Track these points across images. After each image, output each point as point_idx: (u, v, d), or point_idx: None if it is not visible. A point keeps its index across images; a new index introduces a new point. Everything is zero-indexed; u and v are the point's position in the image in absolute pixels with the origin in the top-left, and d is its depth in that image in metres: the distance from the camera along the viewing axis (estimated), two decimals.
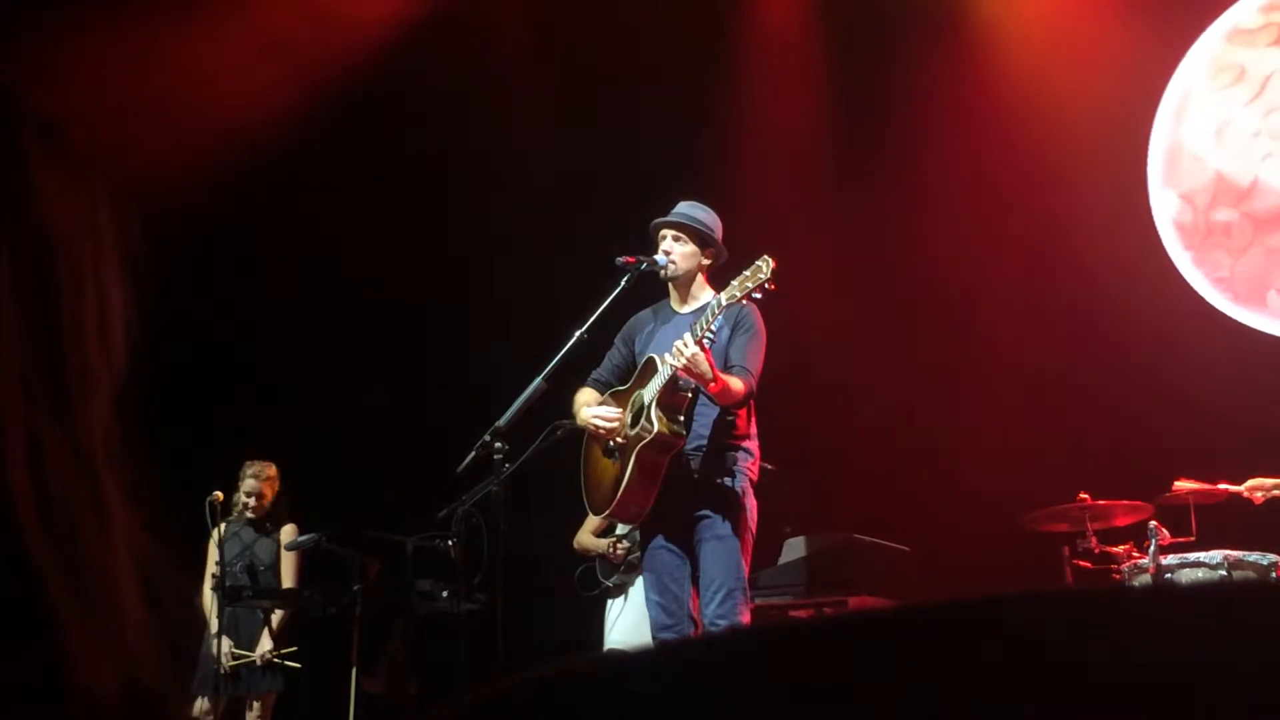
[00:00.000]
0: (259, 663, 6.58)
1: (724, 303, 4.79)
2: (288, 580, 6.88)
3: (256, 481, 6.91)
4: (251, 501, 6.89)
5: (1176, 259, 7.40)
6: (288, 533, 6.92)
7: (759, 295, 4.75)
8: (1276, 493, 5.70)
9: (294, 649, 6.70)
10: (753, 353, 5.01)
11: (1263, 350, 7.01)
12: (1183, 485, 5.82)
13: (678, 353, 4.75)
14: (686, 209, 5.26)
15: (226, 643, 6.44)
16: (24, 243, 0.69)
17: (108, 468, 0.71)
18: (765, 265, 4.71)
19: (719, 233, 5.25)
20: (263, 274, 8.11)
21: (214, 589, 6.27)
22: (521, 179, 8.43)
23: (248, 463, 6.96)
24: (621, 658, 0.62)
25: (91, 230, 0.73)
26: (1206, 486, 5.81)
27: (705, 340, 4.77)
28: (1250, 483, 5.73)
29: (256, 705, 6.67)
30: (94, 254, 0.73)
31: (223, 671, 6.33)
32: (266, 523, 6.94)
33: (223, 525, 6.39)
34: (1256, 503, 5.73)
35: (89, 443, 0.70)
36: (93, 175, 0.75)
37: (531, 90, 8.47)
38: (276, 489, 6.97)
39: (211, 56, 7.70)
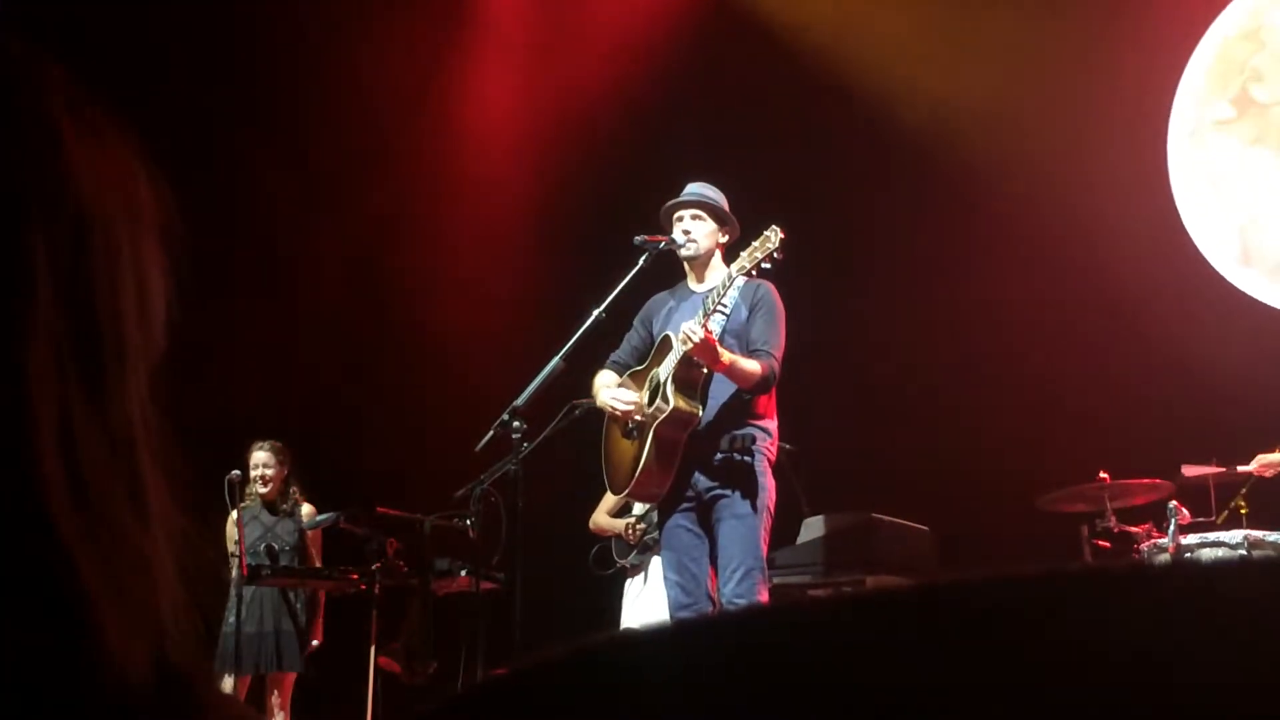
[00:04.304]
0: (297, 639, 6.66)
1: (734, 275, 4.81)
2: (314, 561, 6.89)
3: (267, 455, 6.88)
4: (266, 474, 6.86)
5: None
6: (306, 514, 6.93)
7: (768, 265, 4.75)
8: None
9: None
10: (773, 333, 5.01)
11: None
12: (1191, 470, 5.77)
13: (685, 338, 4.75)
14: (700, 189, 5.28)
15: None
16: (59, 219, 0.68)
17: (145, 447, 0.71)
18: (774, 235, 4.71)
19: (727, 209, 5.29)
20: (283, 252, 8.12)
21: (234, 569, 6.30)
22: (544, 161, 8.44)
23: (256, 442, 6.94)
24: (637, 636, 0.62)
25: (128, 207, 0.73)
26: (1213, 470, 5.75)
27: (719, 312, 4.80)
28: (1259, 459, 5.69)
29: (275, 691, 6.72)
30: (131, 231, 0.72)
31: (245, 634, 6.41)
32: (283, 504, 6.93)
33: (240, 507, 6.42)
34: (1269, 476, 5.68)
35: (125, 422, 0.70)
36: (128, 150, 0.74)
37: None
38: (287, 468, 6.97)
39: None
